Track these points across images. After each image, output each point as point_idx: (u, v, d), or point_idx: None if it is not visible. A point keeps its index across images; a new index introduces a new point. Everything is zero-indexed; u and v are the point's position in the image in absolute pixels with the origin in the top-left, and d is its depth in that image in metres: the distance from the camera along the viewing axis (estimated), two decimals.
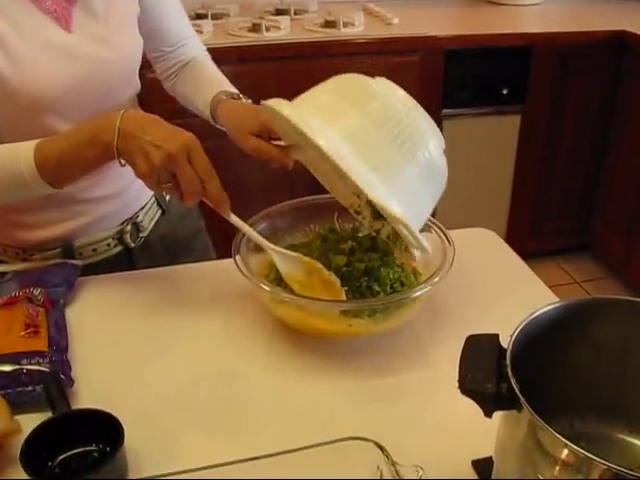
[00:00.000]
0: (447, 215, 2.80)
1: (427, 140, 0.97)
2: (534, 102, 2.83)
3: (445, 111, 2.73)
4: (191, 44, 1.43)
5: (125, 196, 1.30)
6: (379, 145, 0.93)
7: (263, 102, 1.02)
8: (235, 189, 2.70)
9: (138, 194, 1.33)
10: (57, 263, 1.20)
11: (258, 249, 1.09)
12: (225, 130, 1.28)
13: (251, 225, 1.09)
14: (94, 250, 1.29)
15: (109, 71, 1.19)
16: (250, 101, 1.29)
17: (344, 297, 1.03)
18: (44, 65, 1.10)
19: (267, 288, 1.00)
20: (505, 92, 2.79)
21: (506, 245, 1.31)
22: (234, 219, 1.03)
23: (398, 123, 0.94)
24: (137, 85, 1.30)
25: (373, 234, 1.12)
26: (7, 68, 1.06)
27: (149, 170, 0.96)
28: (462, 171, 2.82)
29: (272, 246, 1.07)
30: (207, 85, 1.34)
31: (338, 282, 1.04)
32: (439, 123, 2.66)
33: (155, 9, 1.32)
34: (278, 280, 1.06)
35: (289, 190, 2.59)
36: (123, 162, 1.01)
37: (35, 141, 1.04)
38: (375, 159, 0.92)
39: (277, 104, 0.98)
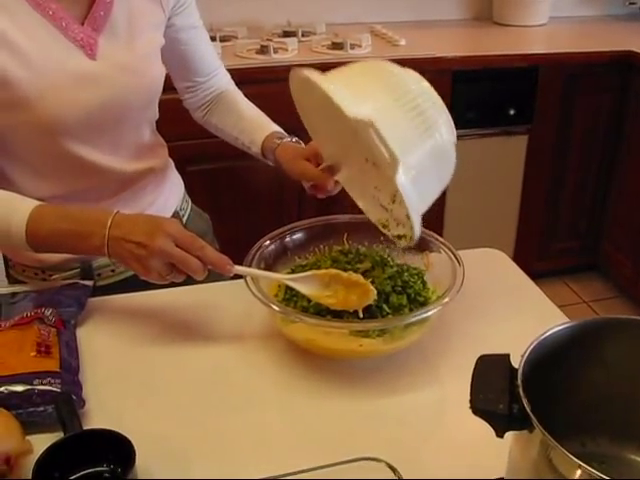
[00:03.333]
0: (455, 235, 2.81)
1: (441, 126, 1.00)
2: (541, 122, 2.84)
3: None
4: (221, 74, 1.47)
5: None
6: (400, 122, 0.96)
7: (295, 70, 1.04)
8: (246, 209, 2.73)
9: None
10: (69, 284, 1.20)
11: (269, 269, 1.10)
12: (271, 163, 1.37)
13: (260, 246, 1.11)
14: (112, 271, 1.31)
15: (130, 98, 1.21)
16: (302, 143, 1.35)
17: (374, 290, 1.03)
18: (67, 91, 1.12)
19: (277, 308, 1.01)
20: (512, 112, 2.80)
21: (515, 265, 1.32)
22: (239, 269, 1.05)
23: (418, 107, 0.98)
24: (155, 112, 1.33)
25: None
26: (32, 92, 1.09)
27: (147, 271, 1.02)
28: (469, 191, 2.83)
29: (284, 276, 1.08)
30: (253, 126, 1.41)
31: (360, 277, 1.05)
32: None
33: (190, 41, 1.37)
34: (287, 300, 1.07)
35: (297, 210, 2.61)
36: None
37: (33, 205, 1.07)
38: (396, 134, 0.94)
39: (313, 74, 1.00)
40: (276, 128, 1.38)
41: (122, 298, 1.22)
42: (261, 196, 2.62)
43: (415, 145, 0.97)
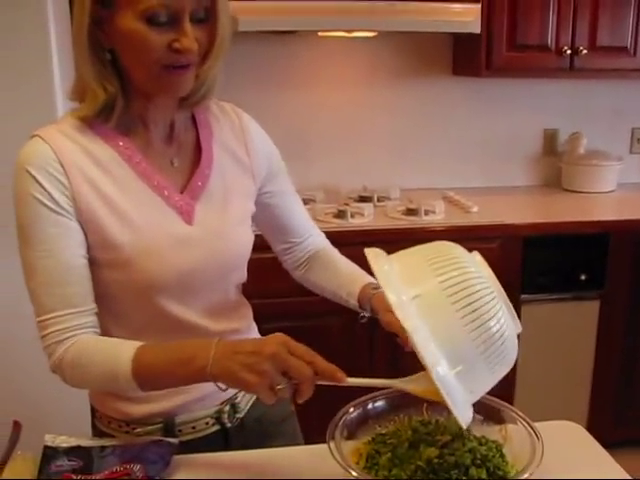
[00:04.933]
0: (527, 401, 2.76)
1: (500, 320, 1.00)
2: (613, 288, 2.85)
3: (524, 296, 2.77)
4: (315, 234, 1.58)
5: None
6: (451, 320, 0.97)
7: (366, 249, 1.11)
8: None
9: None
10: (155, 440, 1.24)
11: (351, 436, 1.12)
12: (367, 314, 1.41)
13: (344, 413, 1.14)
14: (193, 428, 1.35)
15: (222, 261, 1.31)
16: None
17: None
18: (165, 253, 1.23)
19: (357, 475, 1.02)
20: (583, 278, 2.83)
21: (593, 439, 1.30)
22: (352, 380, 1.07)
23: (476, 303, 0.98)
24: (244, 274, 1.42)
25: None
26: (134, 254, 1.21)
27: (260, 379, 1.03)
28: (541, 356, 2.82)
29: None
30: (350, 280, 1.47)
31: None
32: (518, 308, 2.71)
33: (284, 205, 1.48)
34: (369, 468, 1.09)
35: (368, 368, 2.63)
36: (224, 387, 1.10)
37: (136, 346, 1.16)
38: (438, 325, 0.97)
39: (371, 254, 1.07)
40: (371, 280, 1.44)
41: (205, 457, 1.25)
42: (332, 357, 2.64)
43: (466, 342, 0.97)
